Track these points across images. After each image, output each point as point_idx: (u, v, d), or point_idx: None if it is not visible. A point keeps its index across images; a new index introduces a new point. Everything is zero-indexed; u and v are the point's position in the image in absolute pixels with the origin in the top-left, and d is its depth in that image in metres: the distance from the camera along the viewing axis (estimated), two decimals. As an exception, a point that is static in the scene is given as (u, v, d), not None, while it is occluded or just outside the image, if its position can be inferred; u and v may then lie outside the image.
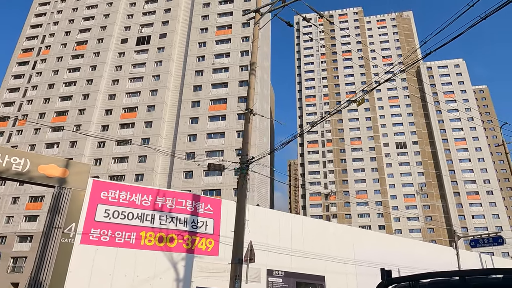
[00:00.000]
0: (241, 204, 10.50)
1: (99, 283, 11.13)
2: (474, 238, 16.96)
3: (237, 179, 11.11)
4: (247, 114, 11.90)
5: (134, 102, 53.27)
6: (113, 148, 50.11)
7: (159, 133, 50.12)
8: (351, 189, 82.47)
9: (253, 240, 14.13)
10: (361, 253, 17.32)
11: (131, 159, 49.00)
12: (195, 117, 50.49)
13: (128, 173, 48.30)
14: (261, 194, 47.22)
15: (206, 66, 53.87)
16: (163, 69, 54.74)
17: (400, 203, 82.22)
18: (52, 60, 59.11)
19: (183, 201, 13.27)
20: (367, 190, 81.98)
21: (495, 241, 16.07)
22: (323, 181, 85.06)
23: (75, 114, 53.47)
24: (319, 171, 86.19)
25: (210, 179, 45.83)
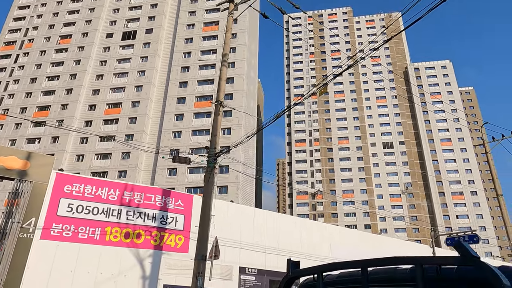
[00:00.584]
0: (207, 199, 10.14)
1: (59, 280, 10.66)
2: (450, 236, 16.87)
3: (204, 173, 10.74)
4: (217, 106, 11.54)
5: (118, 97, 52.43)
6: (96, 144, 49.24)
7: (143, 129, 49.40)
8: (338, 188, 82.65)
9: (225, 237, 13.79)
10: (339, 251, 17.09)
11: (114, 155, 48.21)
12: (180, 113, 49.91)
13: (111, 169, 47.49)
14: (246, 193, 46.88)
15: (193, 63, 53.29)
16: (149, 65, 53.99)
17: (386, 203, 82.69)
18: (35, 53, 57.88)
19: (152, 196, 12.85)
20: (353, 190, 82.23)
21: (471, 239, 16.00)
22: (310, 180, 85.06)
23: (57, 109, 52.42)
24: (307, 170, 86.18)
25: (194, 177, 45.32)
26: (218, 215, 13.65)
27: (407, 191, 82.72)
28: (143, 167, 48.13)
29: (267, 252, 14.72)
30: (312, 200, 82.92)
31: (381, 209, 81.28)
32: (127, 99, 51.97)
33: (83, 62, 55.38)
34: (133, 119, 50.48)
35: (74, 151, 49.52)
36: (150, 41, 55.90)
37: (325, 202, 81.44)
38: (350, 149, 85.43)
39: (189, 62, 53.40)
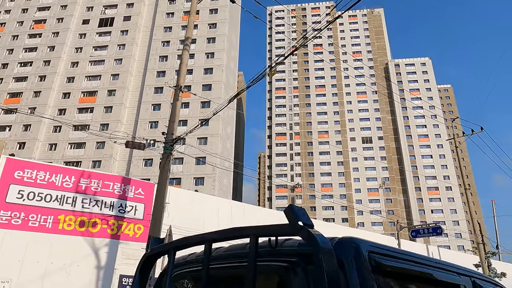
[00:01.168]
0: (161, 186, 9.79)
1: (5, 270, 10.14)
2: (415, 228, 16.99)
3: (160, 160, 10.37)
4: (176, 91, 11.16)
5: (94, 86, 51.10)
6: (70, 133, 47.92)
7: (119, 118, 48.35)
8: (317, 182, 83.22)
9: (186, 227, 13.45)
10: (305, 242, 16.98)
11: (89, 145, 47.07)
12: (158, 103, 49.04)
13: (85, 159, 46.39)
14: (223, 185, 46.57)
15: (171, 52, 52.34)
16: (126, 53, 52.74)
17: (364, 197, 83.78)
18: (7, 38, 55.74)
19: (110, 183, 12.39)
20: (332, 183, 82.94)
21: (434, 231, 16.15)
22: (290, 173, 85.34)
23: (30, 96, 50.74)
24: (286, 164, 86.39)
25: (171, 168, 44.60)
26: (179, 204, 13.33)
27: (384, 185, 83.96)
28: (118, 157, 47.19)
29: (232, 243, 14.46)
30: (291, 194, 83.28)
31: (359, 203, 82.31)
32: (103, 88, 50.71)
33: (57, 48, 53.65)
34: (108, 108, 49.33)
35: (46, 140, 48.11)
36: (128, 29, 54.57)
37: (304, 196, 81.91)
38: (330, 143, 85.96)
39: (168, 51, 52.44)
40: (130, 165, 45.96)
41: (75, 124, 47.62)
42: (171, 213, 12.61)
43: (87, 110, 49.80)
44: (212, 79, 49.12)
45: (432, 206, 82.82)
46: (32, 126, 48.39)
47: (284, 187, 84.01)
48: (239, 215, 15.30)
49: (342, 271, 1.24)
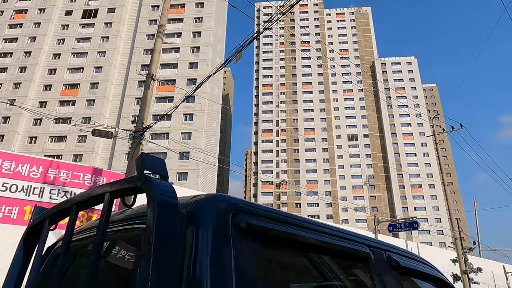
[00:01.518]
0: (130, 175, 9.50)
1: (-35, 262, 9.72)
2: (392, 223, 17.05)
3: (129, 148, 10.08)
4: (148, 79, 10.87)
5: (76, 78, 50.11)
6: (51, 126, 46.95)
7: (101, 112, 47.53)
8: (302, 178, 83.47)
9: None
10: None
11: (70, 138, 46.17)
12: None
13: (66, 153, 45.50)
14: (207, 180, 46.24)
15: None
16: (110, 46, 51.84)
17: (349, 194, 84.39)
18: (-14, 28, 54.20)
19: (80, 174, 12.02)
20: (317, 180, 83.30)
21: (411, 226, 16.24)
22: (276, 170, 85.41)
23: (9, 87, 49.48)
24: (272, 160, 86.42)
25: (153, 162, 44.07)
26: None
27: (369, 183, 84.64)
28: (100, 151, 46.42)
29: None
30: (277, 190, 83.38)
31: (344, 200, 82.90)
32: (86, 80, 49.77)
33: (39, 39, 52.41)
34: (91, 101, 48.45)
35: (26, 133, 47.02)
36: (112, 21, 53.62)
37: (289, 192, 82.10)
38: (316, 140, 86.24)
39: (152, 44, 51.58)
40: (112, 159, 45.25)
41: (56, 117, 46.69)
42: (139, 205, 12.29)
43: (69, 103, 48.83)
44: (197, 73, 48.61)
45: (415, 204, 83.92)
46: (12, 119, 47.24)
47: (270, 184, 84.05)
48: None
49: (192, 233, 1.01)
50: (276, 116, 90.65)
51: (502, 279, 29.79)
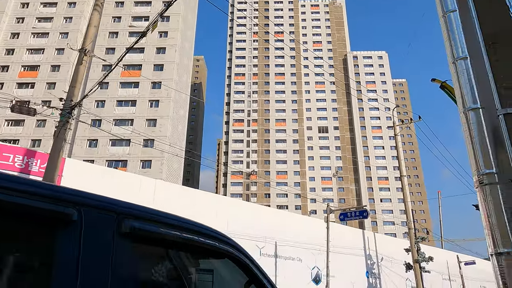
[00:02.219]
0: (54, 157, 8.84)
1: None
2: (344, 211, 17.09)
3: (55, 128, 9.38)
4: (80, 54, 10.14)
5: (36, 60, 47.76)
6: (7, 109, 44.50)
7: (63, 96, 45.41)
8: (272, 169, 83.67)
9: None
10: (236, 225, 16.54)
11: (28, 122, 44.07)
12: (105, 82, 46.51)
13: (24, 138, 43.46)
14: (173, 169, 45.36)
15: (122, 28, 49.85)
16: (73, 27, 49.63)
17: (318, 185, 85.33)
18: None
19: (10, 155, 11.19)
20: (287, 171, 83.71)
21: (361, 215, 16.35)
22: (246, 160, 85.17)
23: (-38, 67, 46.63)
24: (243, 150, 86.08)
25: (116, 149, 42.87)
26: (87, 179, 12.39)
27: (338, 174, 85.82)
28: (61, 137, 44.51)
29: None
30: (246, 180, 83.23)
31: (313, 191, 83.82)
32: (46, 62, 47.52)
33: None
34: (51, 84, 46.35)
35: (-20, 116, 44.50)
36: (76, 1, 51.28)
37: (259, 183, 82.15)
38: (287, 131, 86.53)
39: (119, 27, 49.89)
40: (73, 146, 43.57)
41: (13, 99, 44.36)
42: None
43: (28, 85, 46.53)
44: (164, 59, 47.36)
45: (381, 196, 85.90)
46: (-36, 100, 44.49)
47: (240, 174, 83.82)
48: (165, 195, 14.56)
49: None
50: (248, 106, 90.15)
51: (456, 268, 30.76)
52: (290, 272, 18.30)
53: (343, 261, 21.47)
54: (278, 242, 18.18)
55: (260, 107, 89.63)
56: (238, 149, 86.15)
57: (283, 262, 18.04)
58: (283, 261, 18.07)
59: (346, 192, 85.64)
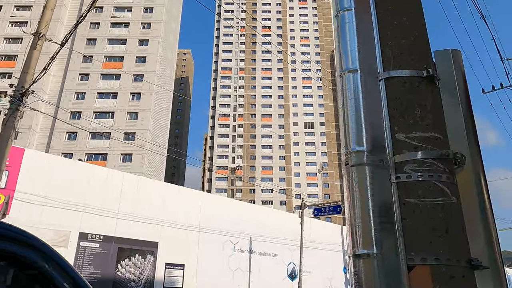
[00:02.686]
0: (1, 147, 8.33)
1: None
2: (318, 207, 16.87)
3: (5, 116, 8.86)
4: (35, 39, 9.60)
5: (13, 49, 46.41)
6: (-17, 100, 43.21)
7: (41, 87, 44.24)
8: (258, 164, 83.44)
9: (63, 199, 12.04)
10: (208, 220, 16.18)
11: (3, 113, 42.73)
12: (86, 73, 45.60)
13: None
14: (154, 163, 44.68)
15: (104, 19, 48.70)
16: (53, 16, 48.12)
17: (303, 181, 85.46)
18: None
19: (-37, 145, 10.56)
20: (273, 167, 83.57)
21: (335, 210, 16.15)
22: (231, 155, 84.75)
23: None
24: (228, 145, 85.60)
25: (96, 143, 41.98)
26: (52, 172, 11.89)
27: (323, 170, 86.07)
28: (39, 129, 43.47)
29: (119, 217, 13.25)
30: (232, 176, 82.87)
31: (298, 187, 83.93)
32: (23, 52, 46.01)
33: (-29, 4, 47.89)
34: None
35: (-46, 106, 43.03)
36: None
37: (244, 178, 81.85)
38: (273, 127, 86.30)
39: (100, 17, 48.70)
40: (52, 138, 42.53)
41: (-11, 90, 43.11)
42: (22, 180, 11.19)
43: (5, 75, 45.10)
44: (147, 51, 46.47)
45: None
46: None
47: (225, 169, 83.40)
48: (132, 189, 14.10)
49: None
50: (234, 101, 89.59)
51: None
52: (265, 268, 18.05)
53: (321, 256, 21.33)
54: (254, 238, 17.89)
55: (246, 102, 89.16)
56: (224, 144, 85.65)
57: (257, 258, 17.77)
58: (257, 256, 17.80)
59: (331, 187, 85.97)
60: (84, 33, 47.82)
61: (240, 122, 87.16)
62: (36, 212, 11.46)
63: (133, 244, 13.47)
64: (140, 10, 49.11)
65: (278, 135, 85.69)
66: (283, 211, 20.77)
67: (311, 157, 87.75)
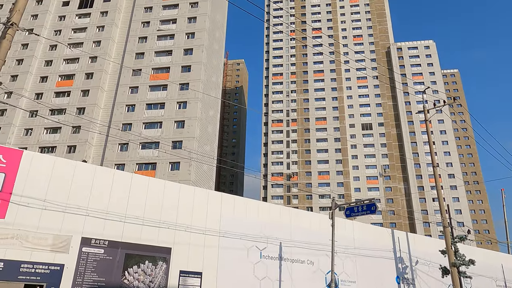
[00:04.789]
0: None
1: None
2: (350, 206, 14.70)
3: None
4: (5, 28, 9.03)
5: (71, 69, 49.42)
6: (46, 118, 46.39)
7: (96, 102, 46.59)
8: (314, 169, 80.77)
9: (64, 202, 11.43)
10: (231, 224, 14.84)
11: (64, 129, 45.48)
12: (135, 86, 47.11)
13: (60, 144, 44.89)
14: (202, 171, 44.55)
15: (151, 33, 50.21)
16: (105, 35, 50.80)
17: (363, 185, 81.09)
18: (-14, 22, 54.29)
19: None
20: (329, 171, 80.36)
21: (369, 209, 13.87)
22: (286, 161, 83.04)
23: (7, 80, 49.27)
24: (283, 151, 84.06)
25: (145, 152, 42.87)
26: (53, 173, 11.36)
27: (385, 173, 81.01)
28: (95, 142, 45.52)
29: (126, 221, 12.40)
30: (287, 182, 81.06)
31: (357, 192, 79.78)
32: (81, 71, 48.98)
33: (36, 31, 51.97)
34: (86, 92, 47.62)
35: (22, 125, 46.72)
36: (108, 10, 52.56)
37: (300, 184, 79.62)
38: (328, 130, 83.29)
39: (147, 32, 50.31)
40: (105, 150, 44.27)
41: (51, 108, 46.17)
42: (20, 182, 10.69)
43: (64, 94, 48.20)
44: (192, 60, 46.90)
45: (433, 194, 79.60)
46: (8, 112, 47.02)
47: (280, 175, 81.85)
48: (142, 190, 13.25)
49: None
50: (286, 106, 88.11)
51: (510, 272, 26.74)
52: (299, 277, 16.23)
53: (367, 264, 18.97)
54: (284, 243, 16.21)
55: (299, 106, 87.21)
56: (278, 150, 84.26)
57: (289, 265, 16.03)
58: (289, 264, 16.06)
59: (394, 191, 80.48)
60: (133, 48, 49.62)
61: (294, 127, 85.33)
62: (35, 216, 10.94)
63: (143, 250, 12.53)
64: (184, 20, 49.92)
65: (333, 138, 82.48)
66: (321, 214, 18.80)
67: (370, 160, 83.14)
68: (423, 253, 21.98)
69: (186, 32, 49.04)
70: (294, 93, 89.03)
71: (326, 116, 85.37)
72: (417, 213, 78.78)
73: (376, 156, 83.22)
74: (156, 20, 50.73)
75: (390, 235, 20.90)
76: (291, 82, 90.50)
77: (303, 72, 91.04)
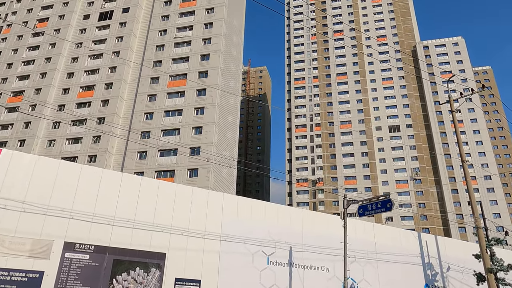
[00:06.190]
0: None
1: None
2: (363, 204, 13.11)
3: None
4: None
5: (92, 80, 50.06)
6: (68, 129, 47.05)
7: (115, 112, 46.80)
8: (340, 174, 78.35)
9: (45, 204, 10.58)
10: (233, 227, 13.63)
11: (85, 140, 45.88)
12: (153, 94, 47.05)
13: (81, 154, 45.23)
14: (221, 177, 43.61)
15: (168, 41, 50.24)
16: (124, 45, 51.28)
17: (392, 189, 77.75)
18: (13, 38, 56.19)
19: None
20: (356, 176, 77.71)
21: (383, 206, 12.24)
22: (311, 166, 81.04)
23: (31, 93, 50.51)
24: (307, 156, 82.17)
25: (164, 160, 42.44)
26: (33, 173, 10.54)
27: (417, 176, 77.44)
28: (115, 151, 45.59)
29: (115, 224, 11.43)
30: (313, 188, 78.97)
31: (387, 196, 76.48)
32: (101, 81, 49.50)
33: (58, 45, 53.27)
34: (105, 102, 48.00)
35: (46, 137, 47.51)
36: (127, 21, 53.15)
37: (326, 190, 77.35)
38: (353, 133, 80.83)
39: (165, 40, 50.37)
40: (125, 159, 44.20)
41: (72, 119, 46.76)
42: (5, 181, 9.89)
43: (85, 104, 48.77)
44: (209, 65, 46.40)
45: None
46: (32, 123, 48.02)
47: (305, 181, 79.89)
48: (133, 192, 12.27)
49: None
50: (309, 110, 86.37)
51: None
52: (312, 284, 14.74)
53: (391, 271, 17.20)
54: (295, 247, 14.81)
55: (323, 110, 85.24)
56: (302, 155, 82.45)
57: (300, 272, 14.58)
58: (300, 270, 14.61)
59: (426, 195, 76.71)
60: (151, 56, 49.76)
61: (318, 131, 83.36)
62: (12, 219, 10.13)
63: (133, 255, 11.50)
64: (201, 27, 49.66)
65: (359, 141, 79.91)
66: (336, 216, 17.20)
67: (399, 163, 79.79)
68: (455, 258, 19.90)
69: (203, 38, 48.71)
70: (317, 97, 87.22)
71: (351, 119, 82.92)
72: (451, 214, 74.72)
73: (406, 159, 79.82)
74: (173, 28, 50.75)
75: (417, 238, 19.02)
76: (314, 86, 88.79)
77: (325, 76, 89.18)
